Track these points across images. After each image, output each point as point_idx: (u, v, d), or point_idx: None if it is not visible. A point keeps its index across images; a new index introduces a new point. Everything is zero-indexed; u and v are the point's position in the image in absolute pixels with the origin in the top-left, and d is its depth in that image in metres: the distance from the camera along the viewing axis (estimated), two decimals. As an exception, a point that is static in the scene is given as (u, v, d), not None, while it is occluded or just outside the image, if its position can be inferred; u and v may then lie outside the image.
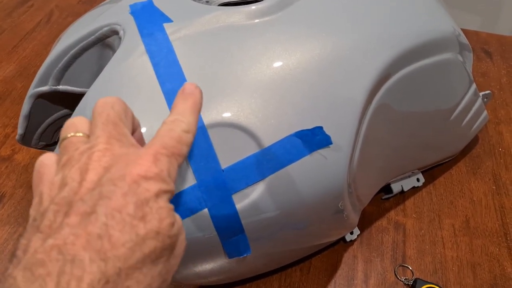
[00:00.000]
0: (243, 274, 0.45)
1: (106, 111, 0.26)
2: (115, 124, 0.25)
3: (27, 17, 0.86)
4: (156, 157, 0.24)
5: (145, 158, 0.23)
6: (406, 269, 0.51)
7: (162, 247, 0.23)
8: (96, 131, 0.25)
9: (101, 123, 0.25)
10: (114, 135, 0.25)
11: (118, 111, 0.26)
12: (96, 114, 0.26)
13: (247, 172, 0.35)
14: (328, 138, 0.37)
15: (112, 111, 0.26)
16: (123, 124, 0.26)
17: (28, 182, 0.59)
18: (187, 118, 0.27)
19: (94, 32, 0.42)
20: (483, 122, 0.59)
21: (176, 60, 0.37)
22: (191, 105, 0.28)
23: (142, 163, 0.23)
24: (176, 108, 0.28)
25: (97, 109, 0.26)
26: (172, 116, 0.27)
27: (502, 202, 0.58)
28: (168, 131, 0.26)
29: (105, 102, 0.26)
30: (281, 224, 0.38)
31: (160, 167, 0.24)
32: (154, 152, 0.24)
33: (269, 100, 0.36)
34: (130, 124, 0.27)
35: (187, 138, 0.26)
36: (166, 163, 0.24)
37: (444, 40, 0.48)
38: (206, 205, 0.35)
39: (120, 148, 0.24)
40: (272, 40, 0.39)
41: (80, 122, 0.27)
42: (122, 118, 0.26)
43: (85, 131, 0.26)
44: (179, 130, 0.26)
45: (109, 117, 0.25)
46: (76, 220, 0.21)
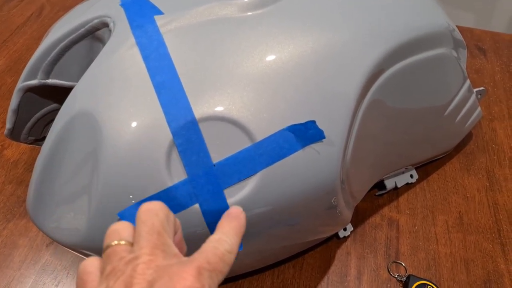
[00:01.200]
0: (236, 271, 0.45)
1: (150, 220, 0.26)
2: (159, 233, 0.25)
3: (18, 11, 0.85)
4: (199, 271, 0.24)
5: (189, 272, 0.24)
6: (399, 265, 0.51)
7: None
8: (140, 241, 0.25)
9: (145, 232, 0.25)
10: (158, 246, 0.25)
11: (162, 219, 0.26)
12: (140, 222, 0.26)
13: (239, 167, 0.35)
14: (321, 133, 0.36)
15: (157, 220, 0.26)
16: (167, 233, 0.26)
17: (18, 178, 0.58)
18: (231, 239, 0.27)
19: (84, 25, 0.42)
20: (477, 119, 0.59)
21: (167, 53, 0.36)
22: (235, 226, 0.29)
23: (186, 278, 0.23)
24: (222, 228, 0.29)
25: (142, 217, 0.26)
26: (217, 235, 0.28)
27: (495, 199, 0.58)
28: (213, 248, 0.26)
29: (149, 210, 0.26)
30: (273, 220, 0.38)
31: (202, 282, 0.24)
32: (197, 266, 0.24)
33: (262, 93, 0.36)
34: (172, 230, 0.27)
35: (230, 258, 0.27)
36: (208, 278, 0.24)
37: (438, 35, 0.47)
38: (197, 200, 0.35)
39: (163, 260, 0.24)
40: (265, 33, 0.38)
41: (124, 229, 0.27)
42: (165, 227, 0.26)
43: (128, 239, 0.26)
44: (223, 249, 0.26)
45: (153, 227, 0.26)
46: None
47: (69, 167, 0.37)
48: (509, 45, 0.83)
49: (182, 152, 0.34)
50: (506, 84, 0.75)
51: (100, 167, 0.34)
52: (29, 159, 0.61)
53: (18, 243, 0.52)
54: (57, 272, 0.50)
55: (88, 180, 0.35)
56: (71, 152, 0.37)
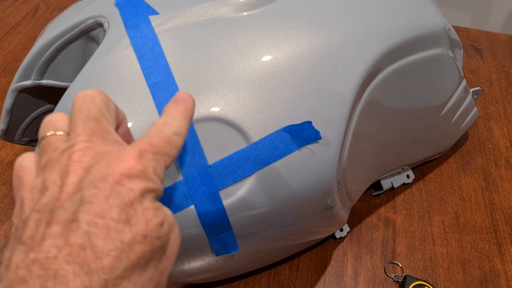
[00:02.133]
0: (231, 272, 0.45)
1: (86, 106, 0.24)
2: (96, 120, 0.24)
3: (12, 11, 0.84)
4: (141, 153, 0.22)
5: (129, 154, 0.22)
6: (396, 266, 0.51)
7: (151, 250, 0.21)
8: (76, 128, 0.23)
9: (81, 119, 0.23)
10: (96, 132, 0.23)
11: (99, 105, 0.24)
12: (75, 109, 0.24)
13: (234, 168, 0.35)
14: (317, 133, 0.36)
15: (93, 106, 0.24)
16: (106, 120, 0.24)
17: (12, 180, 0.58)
18: (178, 121, 0.26)
19: (78, 25, 0.41)
20: (473, 119, 0.59)
21: (162, 53, 0.36)
22: (182, 109, 0.27)
23: (125, 160, 0.22)
24: (167, 111, 0.27)
25: (76, 104, 0.24)
26: (162, 118, 0.26)
27: (492, 199, 0.58)
28: (157, 131, 0.25)
29: (85, 96, 0.24)
30: (269, 221, 0.38)
31: (144, 164, 0.22)
32: (139, 148, 0.23)
33: (257, 94, 0.36)
34: (113, 118, 0.25)
35: (177, 140, 0.25)
36: (151, 160, 0.23)
37: (434, 35, 0.47)
38: (192, 202, 0.34)
39: (103, 146, 0.23)
40: (261, 33, 0.38)
41: (59, 119, 0.25)
42: (104, 113, 0.24)
43: (64, 128, 0.24)
44: (169, 131, 0.25)
45: (90, 113, 0.24)
46: (57, 230, 0.20)
47: (63, 169, 0.36)
48: (505, 45, 0.83)
49: (177, 153, 0.34)
50: (502, 84, 0.75)
51: (95, 168, 0.34)
52: (24, 160, 0.60)
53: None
54: (51, 274, 0.49)
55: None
56: (65, 153, 0.36)
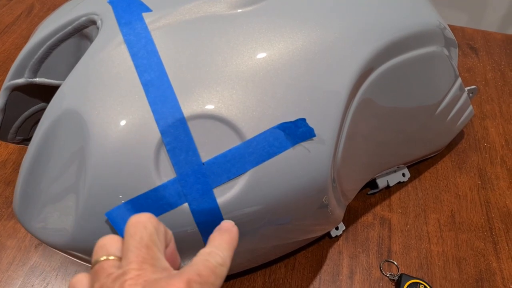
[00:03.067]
0: (226, 271, 0.44)
1: (139, 233, 0.25)
2: (148, 247, 0.25)
3: (7, 10, 0.84)
4: (189, 284, 0.23)
5: (177, 285, 0.23)
6: (391, 264, 0.51)
7: None
8: (128, 255, 0.24)
9: (134, 246, 0.24)
10: (147, 260, 0.24)
11: (151, 232, 0.25)
12: (128, 235, 0.25)
13: (228, 166, 0.34)
14: (311, 131, 0.36)
15: (145, 232, 0.25)
16: (156, 246, 0.25)
17: (6, 178, 0.57)
18: (223, 252, 0.27)
19: (71, 23, 0.41)
20: (468, 117, 0.59)
21: (155, 50, 0.36)
22: (227, 240, 0.28)
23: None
24: (213, 241, 0.28)
25: (129, 230, 0.25)
26: (209, 248, 0.27)
27: (487, 197, 0.58)
28: (203, 261, 0.25)
29: (138, 222, 0.26)
30: (264, 219, 0.37)
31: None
32: (187, 279, 0.23)
33: (251, 91, 0.35)
34: (162, 242, 0.26)
35: (222, 271, 0.26)
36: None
37: (429, 33, 0.47)
38: (186, 200, 0.34)
39: (152, 274, 0.23)
40: (255, 30, 0.38)
41: (111, 243, 0.26)
42: (154, 240, 0.25)
43: (116, 253, 0.25)
44: (215, 262, 0.26)
45: (142, 240, 0.25)
46: None
47: (56, 167, 0.36)
48: (500, 44, 0.83)
49: (170, 150, 0.34)
50: (498, 83, 0.75)
51: (88, 166, 0.34)
52: (18, 159, 0.60)
53: (6, 245, 0.51)
54: (45, 274, 0.49)
55: (75, 180, 0.35)
56: (58, 152, 0.36)
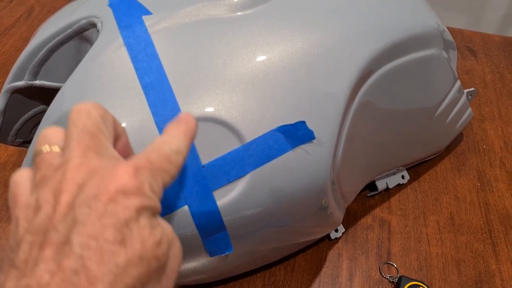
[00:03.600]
0: (226, 273, 0.45)
1: (82, 120, 0.23)
2: (92, 134, 0.23)
3: (7, 12, 0.84)
4: (137, 169, 0.21)
5: (124, 170, 0.21)
6: (391, 266, 0.51)
7: (147, 271, 0.20)
8: (71, 143, 0.22)
9: (76, 134, 0.23)
10: (91, 147, 0.22)
11: (96, 119, 0.23)
12: (70, 123, 0.23)
13: (228, 168, 0.35)
14: (311, 133, 0.36)
15: (89, 120, 0.23)
16: (102, 134, 0.23)
17: (6, 180, 0.58)
18: (178, 141, 0.25)
19: (72, 25, 0.41)
20: (467, 119, 0.59)
21: (155, 53, 0.36)
22: (184, 129, 0.26)
23: (119, 176, 0.21)
24: (167, 131, 0.26)
25: (72, 118, 0.23)
26: (162, 137, 0.25)
27: (486, 199, 0.58)
28: (156, 149, 0.24)
29: (80, 110, 0.24)
30: (263, 221, 0.38)
31: (140, 180, 0.21)
32: (135, 164, 0.22)
33: (251, 94, 0.36)
34: (110, 132, 0.25)
35: (177, 159, 0.24)
36: (148, 176, 0.22)
37: (428, 35, 0.47)
38: (186, 202, 0.34)
39: (98, 162, 0.22)
40: (254, 33, 0.38)
41: (53, 134, 0.24)
42: (100, 127, 0.23)
43: (60, 144, 0.24)
44: (168, 149, 0.24)
45: (85, 127, 0.23)
46: (50, 254, 0.19)
47: (56, 169, 0.36)
48: (499, 46, 0.83)
49: (170, 153, 0.34)
50: (497, 85, 0.75)
51: (87, 169, 0.34)
52: (18, 161, 0.60)
53: (5, 247, 0.51)
54: (45, 276, 0.49)
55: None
56: (58, 154, 0.36)
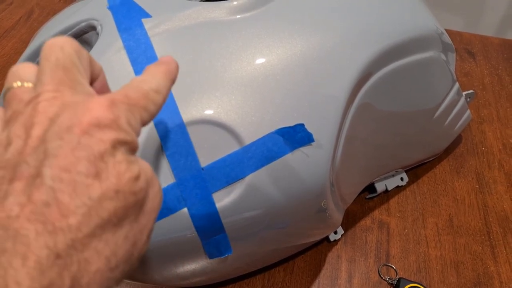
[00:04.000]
0: (225, 275, 0.45)
1: (54, 54, 0.22)
2: (66, 69, 0.22)
3: (6, 15, 0.84)
4: (112, 102, 0.20)
5: (98, 102, 0.20)
6: (390, 268, 0.51)
7: (124, 206, 0.20)
8: (43, 78, 0.21)
9: (48, 68, 0.22)
10: (65, 82, 0.21)
11: (69, 53, 0.22)
12: (43, 58, 0.22)
13: (227, 171, 0.35)
14: (310, 136, 0.36)
15: (62, 54, 0.22)
16: (76, 69, 0.22)
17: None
18: (158, 80, 0.24)
19: (71, 28, 0.41)
20: (466, 121, 0.60)
21: (155, 56, 0.36)
22: (164, 69, 0.25)
23: (94, 108, 0.20)
24: (147, 70, 0.25)
25: (45, 53, 0.22)
26: (141, 76, 0.24)
27: (485, 201, 0.58)
28: (134, 86, 0.23)
29: (53, 44, 0.22)
30: (263, 223, 0.38)
31: (116, 113, 0.20)
32: (111, 98, 0.21)
33: (250, 97, 0.36)
34: (87, 69, 0.24)
35: (156, 97, 0.23)
36: (125, 110, 0.21)
37: (427, 38, 0.47)
38: (185, 205, 0.34)
39: (71, 96, 0.21)
40: (254, 36, 0.38)
41: (25, 69, 0.23)
42: (74, 62, 0.22)
43: (31, 79, 0.23)
44: (147, 87, 0.23)
45: (58, 61, 0.22)
46: (20, 187, 0.18)
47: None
48: (498, 48, 0.84)
49: (170, 155, 0.34)
50: (495, 87, 0.75)
51: (87, 171, 0.34)
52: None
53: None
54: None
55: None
56: (57, 156, 0.36)
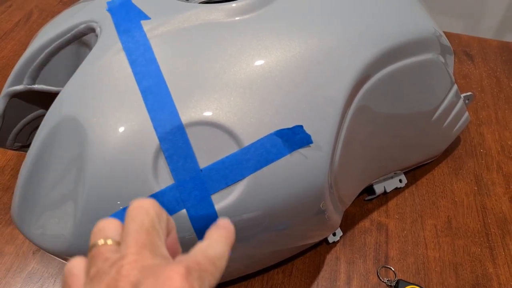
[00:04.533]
0: (224, 277, 0.44)
1: (140, 217, 0.24)
2: (148, 232, 0.24)
3: (6, 17, 0.84)
4: (188, 271, 0.22)
5: (176, 271, 0.22)
6: (388, 270, 0.51)
7: None
8: (127, 240, 0.23)
9: (134, 231, 0.24)
10: (146, 245, 0.23)
11: (153, 218, 0.24)
12: (129, 219, 0.24)
13: (226, 172, 0.35)
14: (308, 137, 0.36)
15: (147, 218, 0.24)
16: (157, 233, 0.24)
17: (4, 184, 0.58)
18: (221, 246, 0.26)
19: (70, 30, 0.41)
20: (464, 123, 0.60)
21: (154, 58, 0.36)
22: (224, 234, 0.27)
23: (173, 277, 0.22)
24: (210, 235, 0.27)
25: (131, 214, 0.25)
26: (206, 241, 0.26)
27: (483, 203, 0.58)
28: (202, 251, 0.25)
29: (140, 207, 0.25)
30: (261, 225, 0.38)
31: (191, 282, 0.22)
32: (186, 266, 0.23)
33: (249, 98, 0.36)
34: (164, 230, 0.26)
35: (220, 263, 0.25)
36: (197, 279, 0.23)
37: (425, 40, 0.48)
38: (184, 206, 0.34)
39: (151, 260, 0.23)
40: (252, 38, 0.38)
41: (110, 226, 0.25)
42: (155, 226, 0.24)
43: (115, 237, 0.25)
44: (213, 253, 0.25)
45: (143, 225, 0.24)
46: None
47: (55, 173, 0.36)
48: (496, 51, 0.84)
49: (168, 157, 0.34)
50: (494, 89, 0.76)
51: (86, 172, 0.34)
52: (16, 165, 0.60)
53: (3, 251, 0.51)
54: (43, 280, 0.49)
55: (73, 186, 0.35)
56: (56, 158, 0.36)
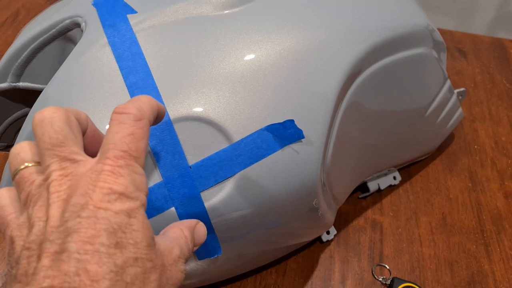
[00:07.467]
0: (216, 277, 0.44)
1: (46, 133, 0.23)
2: (60, 144, 0.23)
3: (-8, 17, 0.83)
4: (114, 172, 0.22)
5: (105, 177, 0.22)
6: (383, 268, 0.50)
7: (144, 271, 0.22)
8: (44, 159, 0.23)
9: (45, 149, 0.23)
10: (64, 156, 0.23)
11: (60, 128, 0.23)
12: (37, 137, 0.24)
13: (216, 169, 0.34)
14: (300, 132, 0.35)
15: (53, 130, 0.23)
16: (70, 140, 0.24)
17: (-10, 186, 0.56)
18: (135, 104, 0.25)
19: (55, 26, 0.40)
20: (458, 119, 0.59)
21: (140, 52, 0.35)
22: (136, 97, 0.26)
23: (102, 185, 0.22)
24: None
25: (36, 131, 0.24)
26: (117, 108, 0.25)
27: (478, 199, 0.58)
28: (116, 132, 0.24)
29: (42, 121, 0.24)
30: (253, 223, 0.37)
31: (122, 182, 0.22)
32: (110, 167, 0.22)
33: (239, 93, 0.35)
34: (78, 134, 0.25)
35: (140, 129, 0.24)
36: (127, 174, 0.22)
37: (417, 34, 0.47)
38: (173, 204, 0.33)
39: (74, 169, 0.23)
40: (241, 31, 0.37)
41: (25, 150, 0.25)
42: (66, 134, 0.24)
43: (33, 158, 0.24)
44: (128, 123, 0.24)
45: (51, 139, 0.23)
46: (48, 262, 0.20)
47: (39, 172, 0.35)
48: (489, 47, 0.84)
49: (156, 154, 0.33)
50: (487, 86, 0.75)
51: (71, 171, 0.33)
52: (1, 165, 0.59)
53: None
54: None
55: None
56: (40, 156, 0.35)
